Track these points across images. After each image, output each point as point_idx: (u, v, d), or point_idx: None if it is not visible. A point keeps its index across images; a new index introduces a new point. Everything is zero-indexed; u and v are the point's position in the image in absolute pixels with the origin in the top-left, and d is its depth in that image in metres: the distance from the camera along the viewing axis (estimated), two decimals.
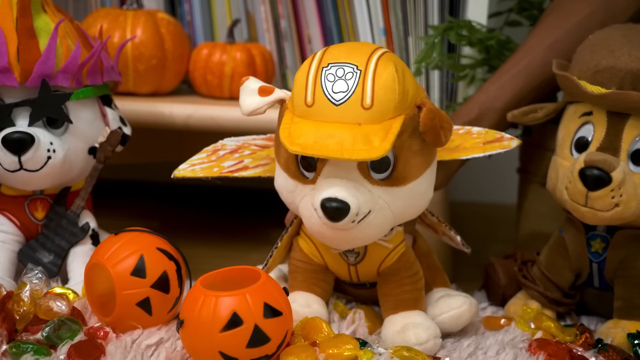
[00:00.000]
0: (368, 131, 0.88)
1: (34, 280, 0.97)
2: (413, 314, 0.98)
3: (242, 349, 0.84)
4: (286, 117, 0.92)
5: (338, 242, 0.95)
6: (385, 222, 0.93)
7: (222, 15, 1.43)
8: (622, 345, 0.98)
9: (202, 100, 1.33)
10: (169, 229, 1.11)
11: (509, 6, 1.36)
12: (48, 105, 1.03)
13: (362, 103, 0.88)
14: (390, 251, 0.99)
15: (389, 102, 0.89)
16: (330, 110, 0.89)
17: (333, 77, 0.90)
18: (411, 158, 0.92)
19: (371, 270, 1.00)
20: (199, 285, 0.86)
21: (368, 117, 0.88)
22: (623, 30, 1.02)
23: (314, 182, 0.92)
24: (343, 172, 0.90)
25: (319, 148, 0.87)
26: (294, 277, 1.02)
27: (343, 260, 1.00)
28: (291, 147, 0.88)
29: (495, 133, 1.05)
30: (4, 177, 1.04)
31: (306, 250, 1.01)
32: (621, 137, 1.00)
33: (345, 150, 0.86)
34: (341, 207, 0.88)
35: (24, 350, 0.86)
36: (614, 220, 1.00)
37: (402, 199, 0.93)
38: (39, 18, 1.04)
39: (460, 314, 1.01)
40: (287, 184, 0.95)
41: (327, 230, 0.91)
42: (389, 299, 0.99)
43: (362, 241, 0.95)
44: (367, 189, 0.90)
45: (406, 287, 0.99)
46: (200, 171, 1.03)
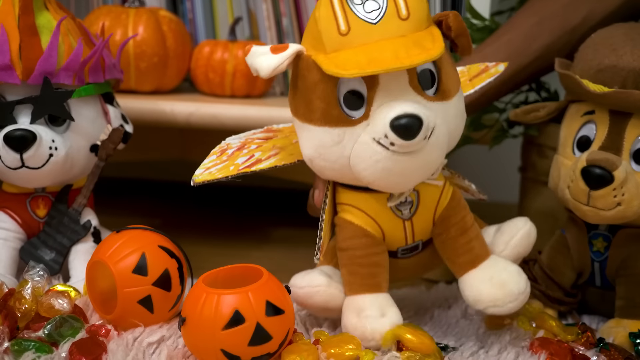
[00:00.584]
0: (416, 38, 0.86)
1: (36, 278, 0.97)
2: (493, 261, 0.95)
3: (244, 347, 0.84)
4: (320, 59, 0.87)
5: (407, 173, 0.89)
6: (445, 140, 0.89)
7: (224, 13, 1.43)
8: (623, 345, 0.98)
9: (204, 98, 1.33)
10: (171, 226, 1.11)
11: (511, 5, 1.36)
12: (50, 103, 1.03)
13: (399, 15, 0.86)
14: (442, 190, 0.96)
15: (423, 10, 0.88)
16: (369, 31, 0.86)
17: (361, 0, 0.87)
18: (449, 70, 0.90)
19: (427, 219, 0.96)
20: (201, 283, 0.86)
21: (408, 27, 0.87)
22: (626, 29, 1.02)
23: (367, 117, 0.88)
24: (397, 92, 0.87)
25: (377, 64, 0.83)
26: (353, 272, 0.95)
27: (397, 218, 0.95)
28: (347, 72, 0.84)
29: (478, 65, 1.03)
30: (6, 174, 1.04)
31: (358, 222, 0.95)
32: (623, 136, 1.00)
33: (404, 58, 0.83)
34: (414, 122, 0.84)
35: (26, 347, 0.86)
36: (616, 220, 1.00)
37: (452, 115, 0.90)
38: (41, 15, 1.04)
39: (529, 231, 0.99)
40: (330, 138, 0.89)
41: (397, 162, 0.86)
42: (461, 253, 0.95)
43: (431, 166, 0.90)
44: (424, 105, 0.87)
45: (472, 232, 0.96)
46: (217, 173, 0.97)
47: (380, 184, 0.91)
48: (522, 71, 1.16)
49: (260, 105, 1.26)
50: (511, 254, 0.98)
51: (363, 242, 0.95)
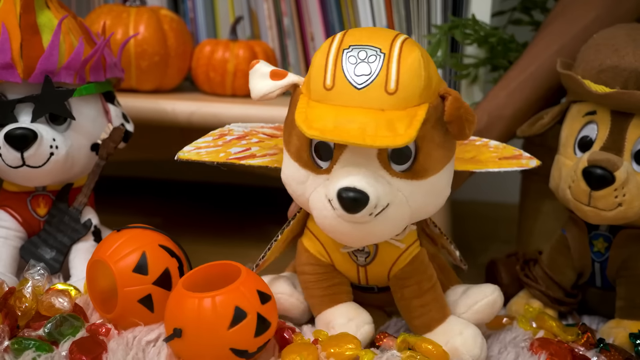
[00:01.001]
0: (392, 117, 0.82)
1: (36, 277, 0.97)
2: (449, 325, 0.94)
3: (250, 340, 0.84)
4: (301, 102, 0.86)
5: (352, 237, 0.88)
6: (403, 218, 0.87)
7: (225, 13, 1.43)
8: (623, 345, 0.98)
9: (205, 97, 1.33)
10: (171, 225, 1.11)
11: (513, 5, 1.36)
12: (51, 102, 1.03)
13: (386, 88, 0.83)
14: (403, 252, 0.94)
15: (415, 88, 0.83)
16: (351, 94, 0.83)
17: (355, 60, 0.84)
18: (433, 150, 0.86)
19: (382, 272, 0.96)
20: (184, 290, 0.85)
21: (392, 103, 0.83)
22: (627, 30, 1.02)
23: (329, 171, 0.87)
24: (362, 160, 0.85)
25: (339, 133, 0.81)
26: (311, 295, 0.98)
27: (352, 261, 0.96)
28: (309, 132, 0.82)
29: (513, 150, 1.01)
30: (7, 173, 1.04)
31: (312, 250, 0.97)
32: (625, 136, 0.99)
33: (368, 136, 0.80)
34: (359, 198, 0.82)
35: (26, 346, 0.86)
36: (617, 220, 1.00)
37: (422, 194, 0.87)
38: (42, 14, 1.04)
39: (495, 301, 0.97)
40: (298, 175, 0.89)
41: (341, 224, 0.85)
42: (416, 316, 0.95)
43: (377, 237, 0.89)
44: (387, 180, 0.85)
45: (428, 296, 0.94)
46: (205, 155, 0.97)
47: (328, 234, 0.91)
48: (547, 102, 1.14)
49: (261, 105, 1.26)
50: (471, 318, 0.96)
51: (315, 269, 0.97)
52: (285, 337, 0.91)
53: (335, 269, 0.97)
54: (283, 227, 0.98)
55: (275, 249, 0.99)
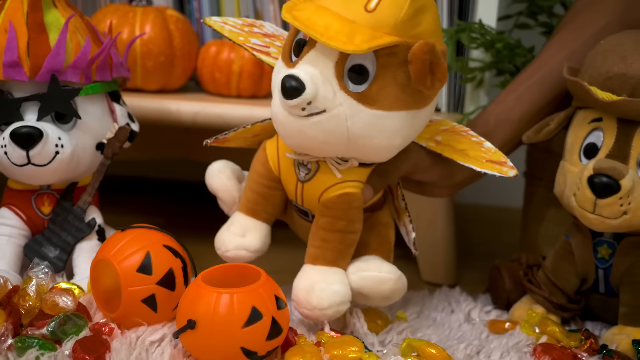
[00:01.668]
0: (357, 29, 0.87)
1: (40, 275, 0.97)
2: (326, 271, 0.97)
3: (262, 342, 0.85)
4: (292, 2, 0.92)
5: (287, 130, 0.93)
6: (337, 132, 0.91)
7: (231, 13, 1.43)
8: (627, 352, 0.98)
9: (210, 97, 1.33)
10: (175, 226, 1.11)
11: (519, 9, 1.36)
12: (57, 100, 1.03)
13: (366, 5, 0.88)
14: (337, 182, 0.97)
15: (391, 16, 0.88)
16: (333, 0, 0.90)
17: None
18: (390, 85, 0.90)
19: (314, 194, 0.99)
20: (204, 284, 0.86)
21: (365, 20, 0.88)
22: (635, 37, 1.02)
23: (295, 65, 0.91)
24: (320, 63, 0.89)
25: (307, 24, 0.87)
26: (244, 192, 1.04)
27: (294, 174, 1.00)
28: (284, 14, 0.89)
29: (501, 156, 1.02)
30: (12, 171, 1.04)
31: (268, 151, 1.02)
32: (631, 144, 0.99)
33: (327, 35, 0.86)
34: (296, 86, 0.87)
35: (29, 344, 0.86)
36: (622, 228, 1.00)
37: (363, 122, 0.90)
38: (49, 13, 1.04)
39: (385, 280, 0.98)
40: (277, 67, 0.95)
41: (281, 113, 0.91)
42: (314, 245, 0.98)
43: (308, 140, 0.92)
44: (333, 89, 0.89)
45: (335, 235, 0.97)
46: (227, 32, 1.05)
47: (277, 130, 0.96)
48: (556, 107, 1.14)
49: (266, 106, 1.26)
50: (356, 281, 0.98)
51: (260, 169, 1.03)
52: (288, 339, 0.91)
53: (277, 181, 1.02)
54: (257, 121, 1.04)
55: (242, 136, 1.05)
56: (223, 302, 0.83)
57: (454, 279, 1.27)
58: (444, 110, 1.33)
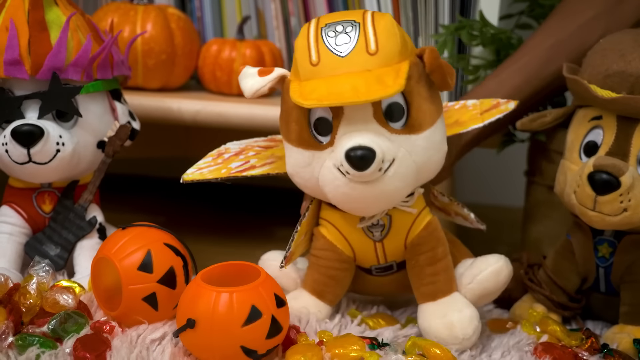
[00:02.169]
0: (379, 74, 0.88)
1: (41, 273, 0.97)
2: (452, 300, 0.97)
3: (262, 341, 0.85)
4: (293, 85, 0.91)
5: (366, 201, 0.92)
6: (409, 173, 0.91)
7: (232, 12, 1.43)
8: (627, 351, 0.98)
9: (211, 96, 1.33)
10: (176, 224, 1.11)
11: (520, 8, 1.36)
12: (58, 99, 1.03)
13: (367, 50, 0.89)
14: (416, 217, 0.98)
15: (393, 46, 0.90)
16: (337, 63, 0.89)
17: (334, 33, 0.90)
18: (422, 104, 0.92)
19: (398, 243, 0.99)
20: (203, 283, 0.86)
21: (376, 62, 0.89)
22: (634, 35, 1.02)
23: (332, 143, 0.91)
24: (360, 124, 0.90)
25: (334, 97, 0.87)
26: (309, 273, 1.02)
27: (368, 239, 0.98)
28: (306, 102, 0.88)
29: (490, 100, 1.04)
30: (13, 169, 1.04)
31: (329, 237, 0.99)
32: (631, 141, 0.99)
33: (361, 93, 0.86)
34: (366, 154, 0.87)
35: (30, 342, 0.86)
36: (622, 225, 1.00)
37: (422, 148, 0.92)
38: (50, 11, 1.04)
39: (500, 269, 0.99)
40: (302, 159, 0.94)
41: (354, 189, 0.90)
42: (425, 284, 0.98)
43: (390, 196, 0.92)
44: (387, 137, 0.90)
45: (440, 264, 0.98)
46: (208, 174, 1.03)
47: (343, 207, 0.95)
48: (537, 94, 1.15)
49: (267, 105, 1.26)
50: (477, 288, 0.98)
51: (329, 255, 1.00)
52: (289, 337, 0.91)
53: (348, 261, 1.00)
54: (300, 220, 1.00)
55: (298, 242, 1.01)
56: (222, 301, 0.83)
57: None
58: None
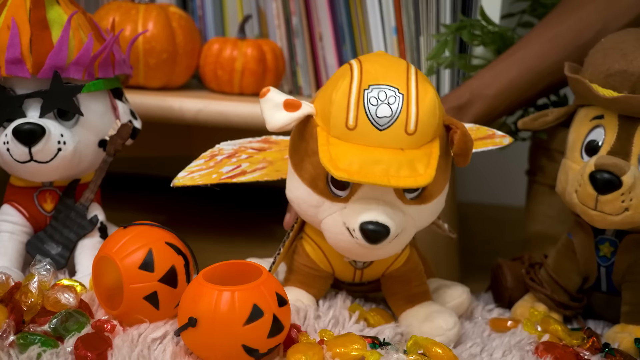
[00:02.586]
0: (412, 157, 0.88)
1: (42, 272, 0.97)
2: (429, 303, 1.00)
3: (263, 340, 0.85)
4: (321, 138, 0.91)
5: (364, 257, 0.96)
6: (410, 237, 0.95)
7: (234, 11, 1.43)
8: (629, 350, 0.98)
9: (212, 95, 1.33)
10: (177, 223, 1.11)
11: (522, 7, 1.36)
12: (59, 97, 1.03)
13: (406, 129, 0.89)
14: (398, 255, 1.00)
15: (431, 127, 0.90)
16: (373, 134, 0.89)
17: (376, 101, 0.89)
18: (438, 176, 0.92)
19: (377, 273, 1.02)
20: (205, 282, 0.86)
21: (411, 142, 0.89)
22: (636, 34, 1.02)
23: (346, 200, 0.92)
24: (379, 193, 0.90)
25: (365, 174, 0.87)
26: (292, 274, 1.03)
27: (350, 266, 1.01)
28: (337, 173, 0.87)
29: (486, 130, 1.04)
30: (14, 168, 1.04)
31: (312, 256, 1.01)
32: (632, 141, 0.99)
33: (392, 177, 0.87)
34: (382, 231, 0.89)
35: (31, 341, 0.86)
36: (624, 225, 1.00)
37: (427, 214, 0.95)
38: (52, 10, 1.04)
39: (462, 302, 1.04)
40: (310, 199, 0.94)
41: (357, 249, 0.92)
42: (400, 297, 1.01)
43: (387, 255, 0.96)
44: (401, 209, 0.91)
45: (414, 282, 1.01)
46: (199, 178, 1.04)
47: (338, 251, 0.97)
48: (533, 88, 1.15)
49: None
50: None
51: (309, 271, 1.01)
52: (290, 336, 0.91)
53: (328, 277, 1.02)
54: (283, 240, 1.02)
55: (284, 254, 1.03)
56: (224, 300, 0.83)
57: (456, 277, 1.26)
58: None
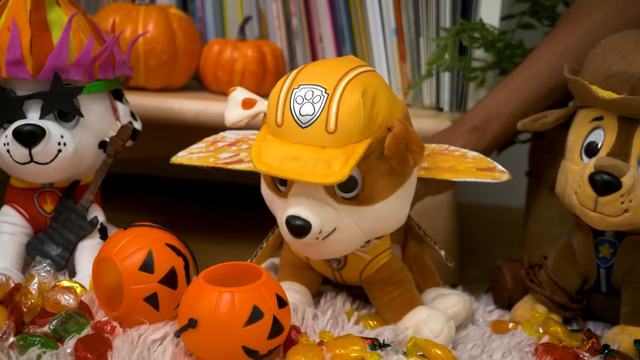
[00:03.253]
0: (330, 155, 0.90)
1: (42, 273, 0.97)
2: (416, 312, 0.99)
3: (263, 341, 0.85)
4: (261, 133, 0.95)
5: (309, 253, 0.99)
6: (353, 239, 0.95)
7: (234, 12, 1.43)
8: (628, 351, 0.98)
9: (212, 96, 1.33)
10: (177, 224, 1.11)
11: (522, 9, 1.36)
12: (60, 99, 1.03)
13: (326, 127, 0.90)
14: (369, 262, 1.01)
15: (353, 127, 0.90)
16: (297, 132, 0.91)
17: (302, 100, 0.91)
18: (379, 179, 0.93)
19: (354, 277, 1.03)
20: (205, 283, 0.86)
21: (331, 141, 0.90)
22: (635, 36, 1.02)
23: (286, 196, 0.95)
24: (310, 190, 0.93)
25: (282, 169, 0.90)
26: (282, 269, 1.06)
27: (327, 265, 1.03)
28: (257, 166, 0.91)
29: (488, 162, 1.04)
30: (14, 169, 1.04)
31: (293, 251, 1.04)
32: (632, 142, 0.99)
33: (306, 173, 0.89)
34: (303, 225, 0.91)
35: (31, 342, 0.86)
36: (623, 226, 1.00)
37: (371, 218, 0.95)
38: (52, 11, 1.04)
39: (457, 313, 1.03)
40: (266, 194, 0.99)
41: (299, 244, 0.95)
42: (386, 310, 1.01)
43: (332, 254, 0.97)
44: (333, 207, 0.93)
45: (395, 293, 1.01)
46: (197, 160, 1.07)
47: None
48: (547, 103, 1.15)
49: None
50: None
51: (297, 262, 1.05)
52: (290, 337, 0.91)
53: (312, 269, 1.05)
54: (268, 235, 1.05)
55: (263, 254, 1.07)
56: (224, 301, 0.83)
57: (456, 278, 1.26)
58: (446, 109, 1.33)
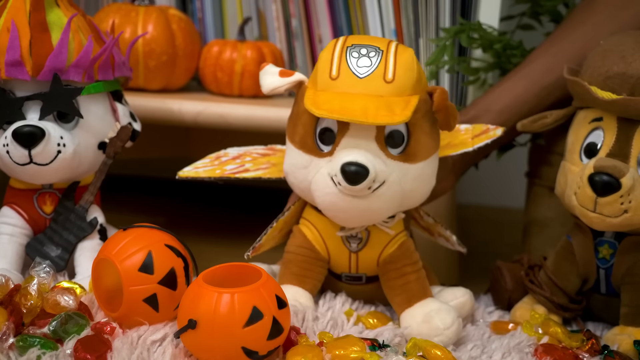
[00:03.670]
0: (390, 101, 0.94)
1: (42, 274, 0.97)
2: (427, 302, 1.00)
3: (263, 342, 0.85)
4: (308, 92, 0.97)
5: (351, 214, 0.97)
6: (395, 198, 0.97)
7: (233, 13, 1.43)
8: (628, 352, 0.98)
9: (212, 97, 1.33)
10: (177, 225, 1.11)
11: (522, 10, 1.36)
12: (59, 100, 1.03)
13: (384, 77, 0.95)
14: (392, 238, 1.02)
15: (408, 79, 0.95)
16: (354, 82, 0.95)
17: (357, 55, 0.96)
18: (422, 137, 0.97)
19: (372, 258, 1.03)
20: (205, 284, 0.86)
21: (389, 90, 0.95)
22: (635, 37, 1.02)
23: (331, 154, 0.96)
24: (361, 143, 0.95)
25: (345, 112, 0.92)
26: (286, 268, 1.05)
27: (345, 248, 1.03)
28: (317, 111, 0.93)
29: (481, 126, 1.09)
30: (14, 170, 1.04)
31: (309, 236, 1.04)
32: (631, 143, 0.99)
33: (370, 115, 0.92)
34: (360, 171, 0.92)
35: (31, 343, 0.86)
36: (623, 227, 1.00)
37: (412, 177, 0.98)
38: (52, 12, 1.04)
39: (465, 302, 1.05)
40: (301, 161, 0.99)
41: (342, 200, 0.95)
42: (398, 293, 1.02)
43: (373, 214, 0.98)
44: (383, 160, 0.96)
45: (410, 276, 1.02)
46: (203, 172, 1.08)
47: (328, 213, 1.00)
48: (542, 102, 1.16)
49: (268, 106, 1.26)
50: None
51: (306, 252, 1.04)
52: (290, 338, 0.91)
53: (324, 261, 1.04)
54: (278, 217, 1.05)
55: (271, 237, 1.06)
56: (224, 302, 0.83)
57: (456, 279, 1.27)
58: None
